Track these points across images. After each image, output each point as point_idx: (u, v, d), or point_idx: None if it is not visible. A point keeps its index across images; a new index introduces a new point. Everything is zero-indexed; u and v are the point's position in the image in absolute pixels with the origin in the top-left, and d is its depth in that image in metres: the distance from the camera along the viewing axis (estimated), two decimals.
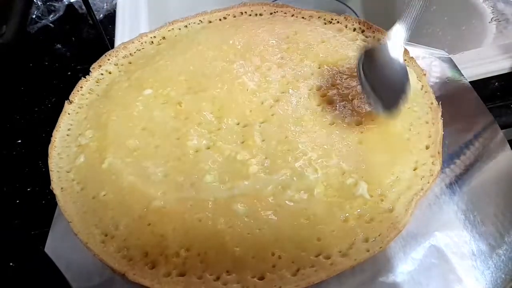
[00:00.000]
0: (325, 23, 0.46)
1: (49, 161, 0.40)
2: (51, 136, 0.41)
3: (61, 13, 0.67)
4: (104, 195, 0.37)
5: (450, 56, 0.45)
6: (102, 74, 0.46)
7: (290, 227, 0.33)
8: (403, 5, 0.70)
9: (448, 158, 0.38)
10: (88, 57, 0.47)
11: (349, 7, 0.71)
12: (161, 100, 0.42)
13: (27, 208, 0.45)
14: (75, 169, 0.39)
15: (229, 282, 0.32)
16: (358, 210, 0.34)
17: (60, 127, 0.42)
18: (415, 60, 0.42)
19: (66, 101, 0.43)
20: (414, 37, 0.41)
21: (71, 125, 0.42)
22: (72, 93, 0.44)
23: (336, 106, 0.39)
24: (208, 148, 0.38)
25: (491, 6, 0.57)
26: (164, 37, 0.47)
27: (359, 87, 0.39)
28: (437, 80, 0.43)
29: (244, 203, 0.35)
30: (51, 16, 0.67)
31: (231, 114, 0.40)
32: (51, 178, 0.39)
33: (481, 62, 0.49)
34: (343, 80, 0.41)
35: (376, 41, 0.44)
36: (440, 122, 0.38)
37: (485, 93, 0.42)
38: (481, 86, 0.45)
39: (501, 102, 0.46)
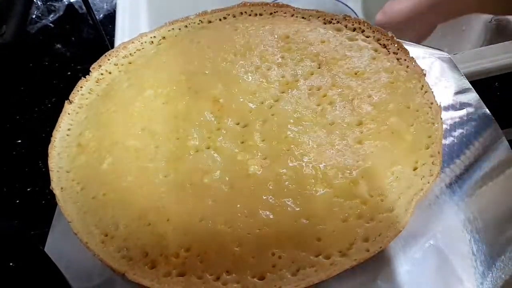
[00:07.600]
0: (325, 23, 0.46)
1: (49, 161, 0.39)
2: (51, 136, 0.41)
3: (61, 13, 0.67)
4: (104, 195, 0.37)
5: (450, 56, 0.44)
6: (102, 74, 0.46)
7: (290, 227, 0.33)
8: None
9: (448, 157, 0.38)
10: (88, 57, 0.47)
11: (349, 7, 0.71)
12: (161, 100, 0.42)
13: (27, 208, 0.45)
14: (75, 169, 0.39)
15: (229, 282, 0.32)
16: (358, 210, 0.34)
17: (60, 127, 0.42)
18: (414, 60, 0.42)
19: (66, 101, 0.43)
20: None
21: (71, 125, 0.42)
22: (72, 93, 0.44)
23: (336, 106, 0.39)
24: (208, 148, 0.38)
25: None
26: (164, 37, 0.47)
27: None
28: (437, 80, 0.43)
29: (244, 203, 0.35)
30: (51, 16, 0.67)
31: (231, 114, 0.40)
32: (51, 178, 0.38)
33: (481, 62, 0.49)
34: (343, 80, 0.41)
35: (376, 40, 0.44)
36: (440, 122, 0.38)
37: (485, 93, 0.41)
38: (481, 86, 0.45)
39: (501, 102, 0.46)
